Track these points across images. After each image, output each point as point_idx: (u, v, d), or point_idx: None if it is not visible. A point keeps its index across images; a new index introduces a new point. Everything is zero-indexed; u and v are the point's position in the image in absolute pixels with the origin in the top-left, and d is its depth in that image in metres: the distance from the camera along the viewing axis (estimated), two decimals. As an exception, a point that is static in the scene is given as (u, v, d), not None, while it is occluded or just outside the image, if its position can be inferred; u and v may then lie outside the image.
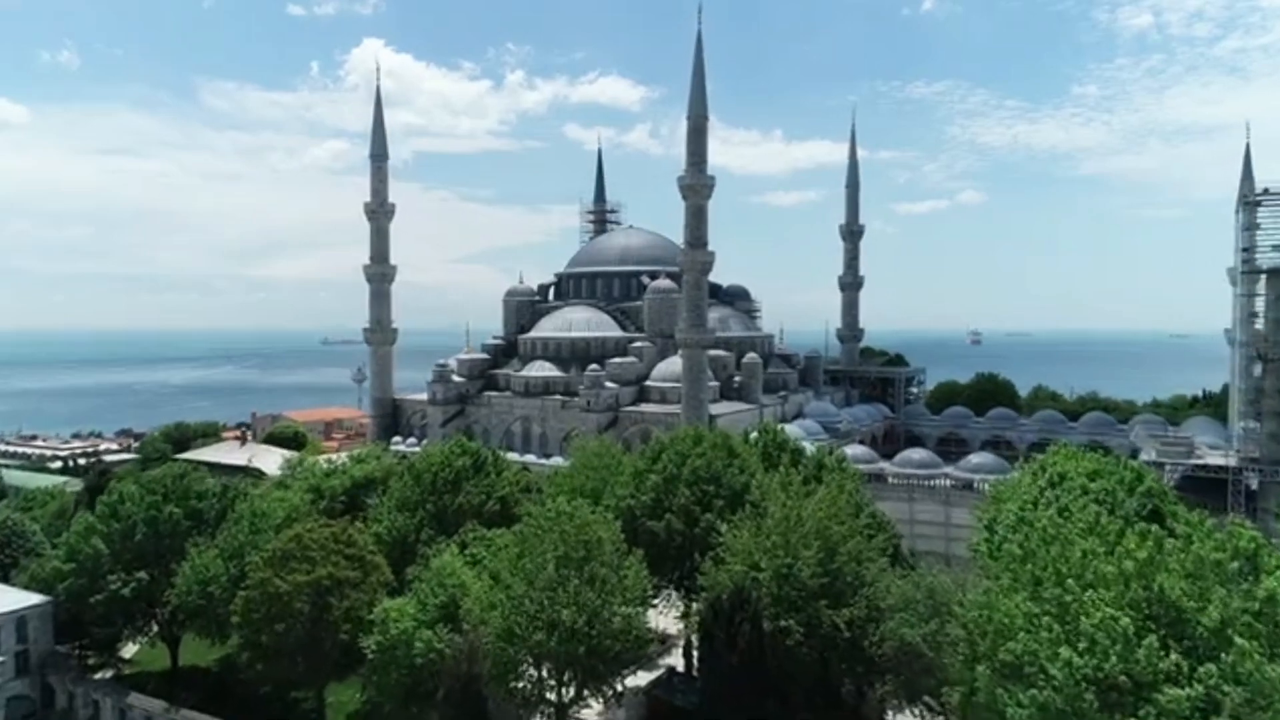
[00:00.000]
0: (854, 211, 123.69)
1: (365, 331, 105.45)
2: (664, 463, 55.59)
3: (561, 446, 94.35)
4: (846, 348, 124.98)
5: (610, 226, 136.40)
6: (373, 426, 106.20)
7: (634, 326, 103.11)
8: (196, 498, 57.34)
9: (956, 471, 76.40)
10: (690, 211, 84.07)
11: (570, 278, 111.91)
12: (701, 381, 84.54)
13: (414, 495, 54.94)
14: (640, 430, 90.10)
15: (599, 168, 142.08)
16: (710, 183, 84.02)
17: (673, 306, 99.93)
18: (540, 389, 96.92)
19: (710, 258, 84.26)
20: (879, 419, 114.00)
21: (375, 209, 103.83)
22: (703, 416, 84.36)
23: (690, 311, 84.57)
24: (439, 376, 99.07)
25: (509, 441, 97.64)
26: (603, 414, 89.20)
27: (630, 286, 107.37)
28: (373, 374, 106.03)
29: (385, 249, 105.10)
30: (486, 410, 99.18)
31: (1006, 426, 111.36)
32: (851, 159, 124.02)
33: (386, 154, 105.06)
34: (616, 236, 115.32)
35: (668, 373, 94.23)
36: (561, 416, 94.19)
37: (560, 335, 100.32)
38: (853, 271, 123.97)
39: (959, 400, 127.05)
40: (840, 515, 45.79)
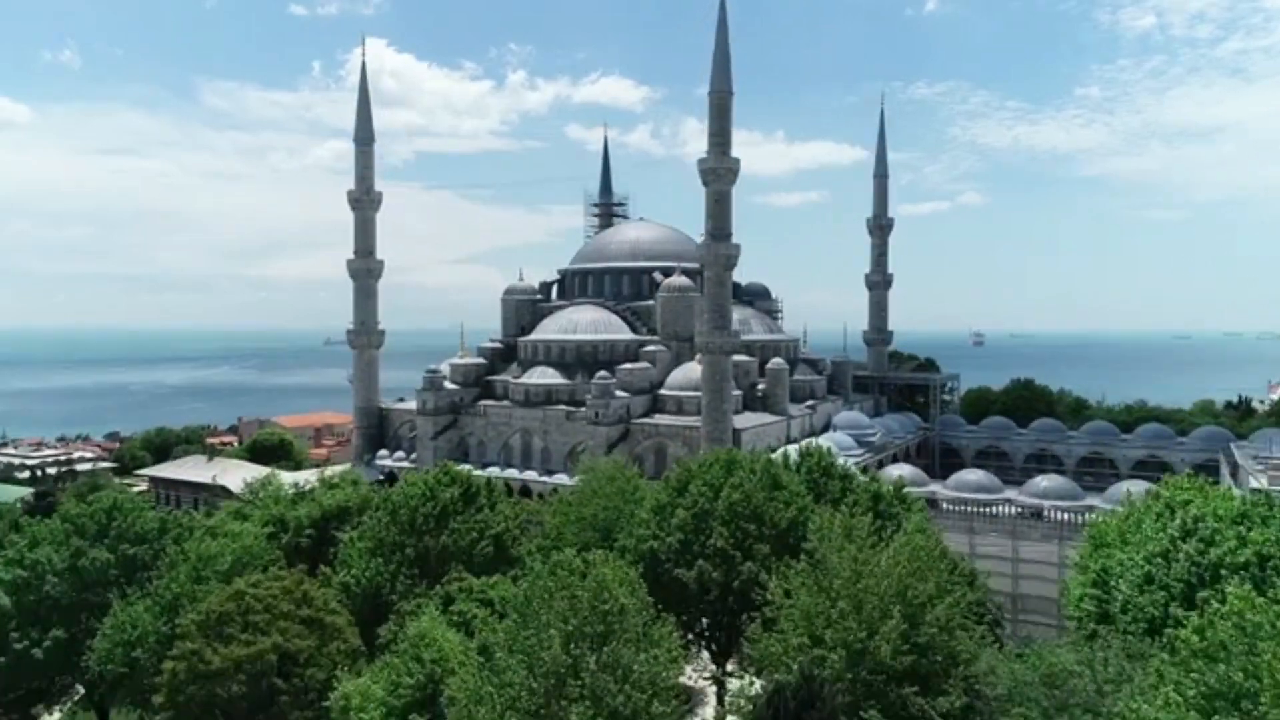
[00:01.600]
0: (883, 204, 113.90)
1: (349, 333, 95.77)
2: (693, 495, 45.96)
3: (566, 462, 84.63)
4: (874, 351, 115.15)
5: (617, 221, 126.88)
6: (357, 438, 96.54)
7: (646, 328, 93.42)
8: (132, 539, 47.68)
9: (1022, 497, 66.65)
10: (711, 199, 74.38)
11: (575, 274, 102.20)
12: (725, 391, 74.83)
13: (390, 535, 45.22)
14: (654, 444, 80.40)
15: (605, 158, 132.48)
16: (735, 166, 74.35)
17: (689, 306, 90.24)
18: (542, 398, 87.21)
19: (735, 251, 74.59)
20: (912, 430, 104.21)
21: (360, 197, 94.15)
22: (726, 430, 74.69)
23: (712, 312, 74.88)
24: (430, 384, 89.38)
25: (507, 456, 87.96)
26: (612, 426, 79.49)
27: (641, 284, 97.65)
28: (357, 380, 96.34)
29: (371, 242, 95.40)
30: (482, 421, 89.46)
31: (1054, 439, 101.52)
32: (880, 147, 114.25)
33: (372, 138, 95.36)
34: (626, 229, 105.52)
35: (684, 380, 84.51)
36: (566, 429, 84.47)
37: (564, 338, 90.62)
38: (881, 269, 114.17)
39: (993, 409, 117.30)
40: (923, 570, 36.32)
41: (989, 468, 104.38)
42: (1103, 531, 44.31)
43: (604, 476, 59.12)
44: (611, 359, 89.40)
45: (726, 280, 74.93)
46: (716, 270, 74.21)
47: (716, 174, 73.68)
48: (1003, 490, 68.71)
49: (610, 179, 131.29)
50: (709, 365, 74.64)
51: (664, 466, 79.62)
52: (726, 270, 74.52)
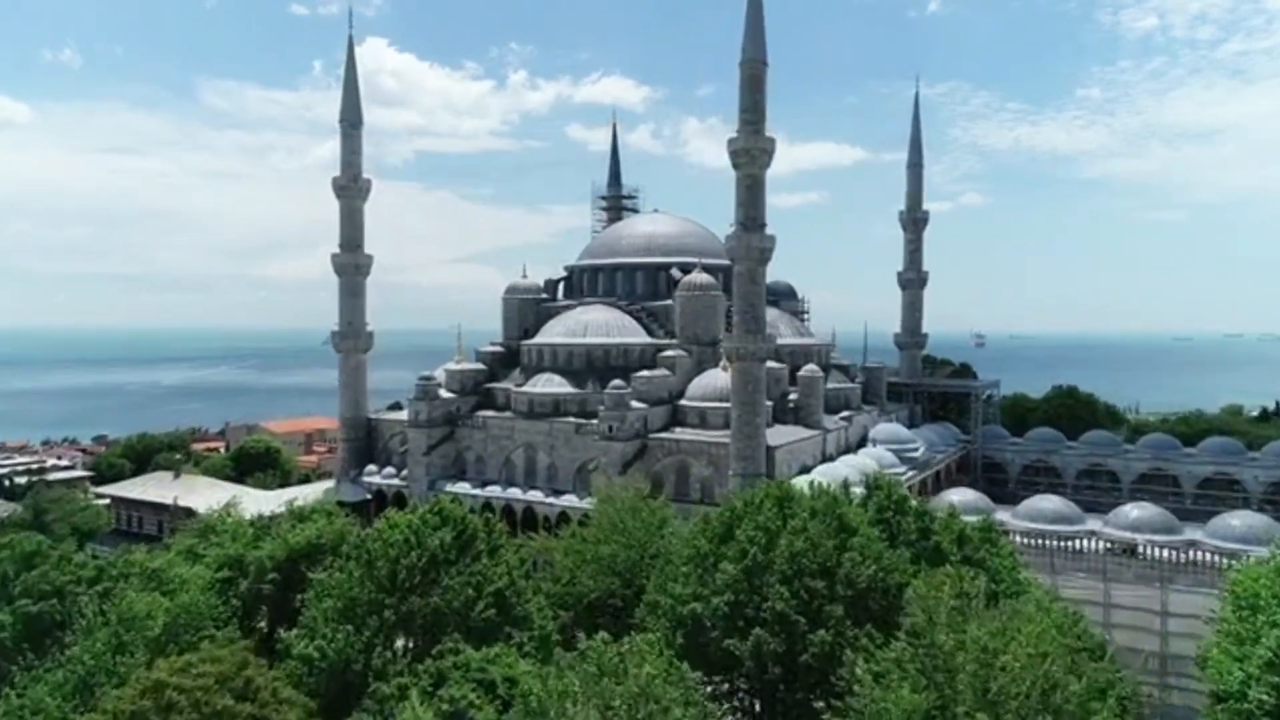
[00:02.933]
0: (917, 195, 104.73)
1: (333, 335, 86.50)
2: (741, 544, 36.87)
3: (576, 481, 75.48)
4: (907, 355, 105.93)
5: (627, 216, 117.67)
6: (342, 451, 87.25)
7: (663, 331, 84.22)
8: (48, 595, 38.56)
9: (1110, 529, 57.41)
10: (743, 184, 65.21)
11: (584, 272, 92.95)
12: (757, 403, 65.67)
13: (366, 594, 36.01)
14: (675, 463, 71.21)
15: (614, 147, 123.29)
16: (770, 147, 65.17)
17: (711, 306, 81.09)
18: (548, 408, 78.01)
19: (770, 243, 65.41)
20: (952, 443, 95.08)
21: (346, 185, 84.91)
22: (758, 447, 65.55)
23: (743, 313, 65.71)
24: (423, 393, 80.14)
25: (509, 474, 78.74)
26: (628, 442, 70.30)
27: (657, 281, 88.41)
28: (343, 387, 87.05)
29: (359, 235, 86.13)
30: (481, 434, 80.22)
31: (1108, 453, 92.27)
32: (915, 132, 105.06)
33: (360, 119, 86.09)
34: (639, 222, 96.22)
35: (708, 389, 75.30)
36: (575, 444, 75.27)
37: (572, 342, 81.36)
38: (916, 265, 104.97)
39: (1033, 419, 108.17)
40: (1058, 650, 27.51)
41: (1038, 485, 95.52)
42: (1250, 588, 35.31)
43: (624, 507, 50.18)
44: (625, 365, 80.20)
45: (760, 277, 65.77)
46: (749, 265, 65.02)
47: (749, 155, 64.52)
48: (1084, 520, 59.43)
49: (619, 169, 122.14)
50: (740, 374, 65.48)
51: (686, 487, 70.58)
52: (760, 265, 65.34)
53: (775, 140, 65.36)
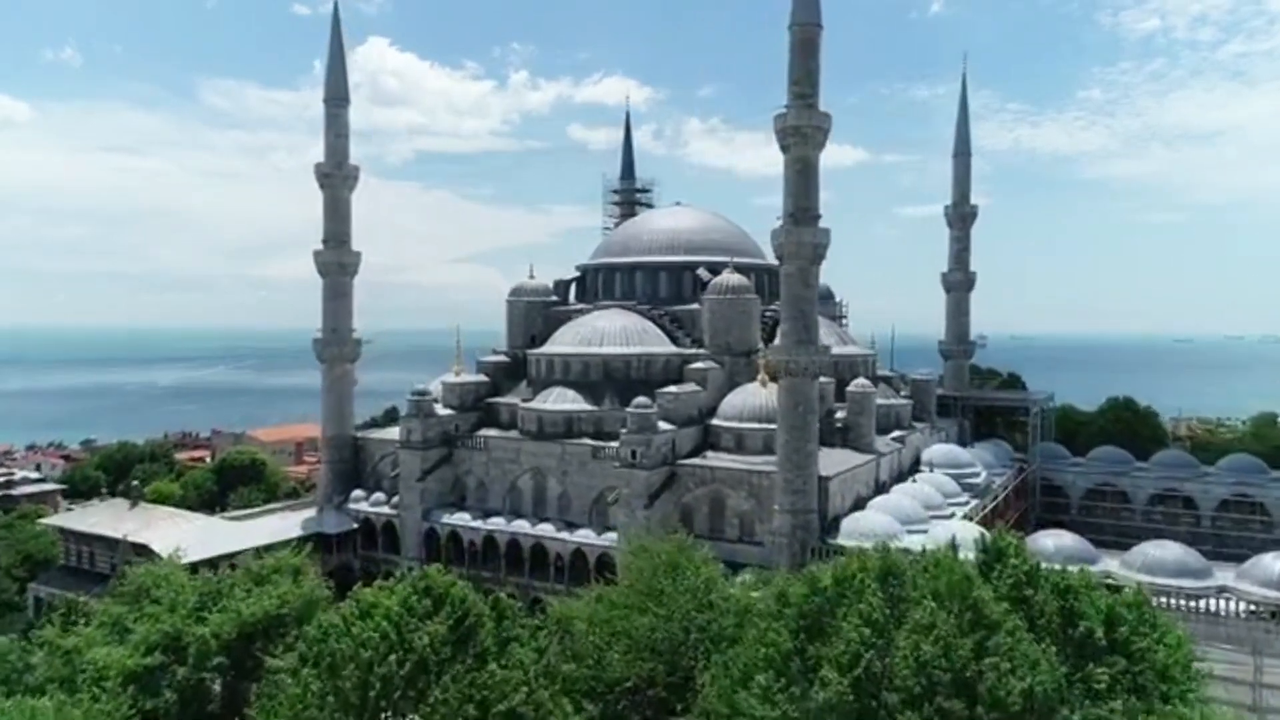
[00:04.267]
0: (964, 188, 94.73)
1: (315, 342, 76.42)
2: (847, 644, 27.01)
3: (592, 513, 65.57)
4: (954, 365, 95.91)
5: (641, 211, 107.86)
6: (324, 475, 77.08)
7: (689, 339, 74.19)
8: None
9: (1249, 586, 47.35)
10: (793, 168, 55.27)
11: (598, 272, 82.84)
12: (808, 427, 55.74)
13: (327, 716, 26.12)
14: (709, 494, 61.23)
15: (627, 136, 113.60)
16: (825, 125, 55.23)
17: (745, 312, 71.13)
18: (560, 428, 68.06)
19: (824, 239, 55.45)
20: (1007, 464, 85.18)
21: (330, 172, 74.84)
22: (809, 477, 55.62)
23: (793, 320, 55.72)
24: (416, 409, 70.14)
25: (514, 502, 68.81)
26: (654, 471, 60.30)
27: (681, 283, 78.40)
28: (326, 402, 76.97)
29: (344, 229, 76.04)
30: (483, 457, 70.23)
31: (1185, 476, 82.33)
32: (962, 119, 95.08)
33: (347, 97, 76.04)
34: (659, 217, 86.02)
35: (744, 407, 65.35)
36: (591, 470, 65.36)
37: (587, 351, 71.30)
38: (963, 265, 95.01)
39: (1085, 434, 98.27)
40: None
41: (1103, 512, 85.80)
42: None
43: (662, 563, 40.23)
44: (647, 378, 70.28)
45: (813, 278, 55.77)
46: (800, 264, 55.03)
47: (801, 135, 54.56)
48: (1212, 574, 49.32)
49: (633, 160, 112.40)
50: (789, 392, 55.50)
51: (721, 522, 60.67)
52: (813, 264, 55.36)
53: (830, 117, 55.42)
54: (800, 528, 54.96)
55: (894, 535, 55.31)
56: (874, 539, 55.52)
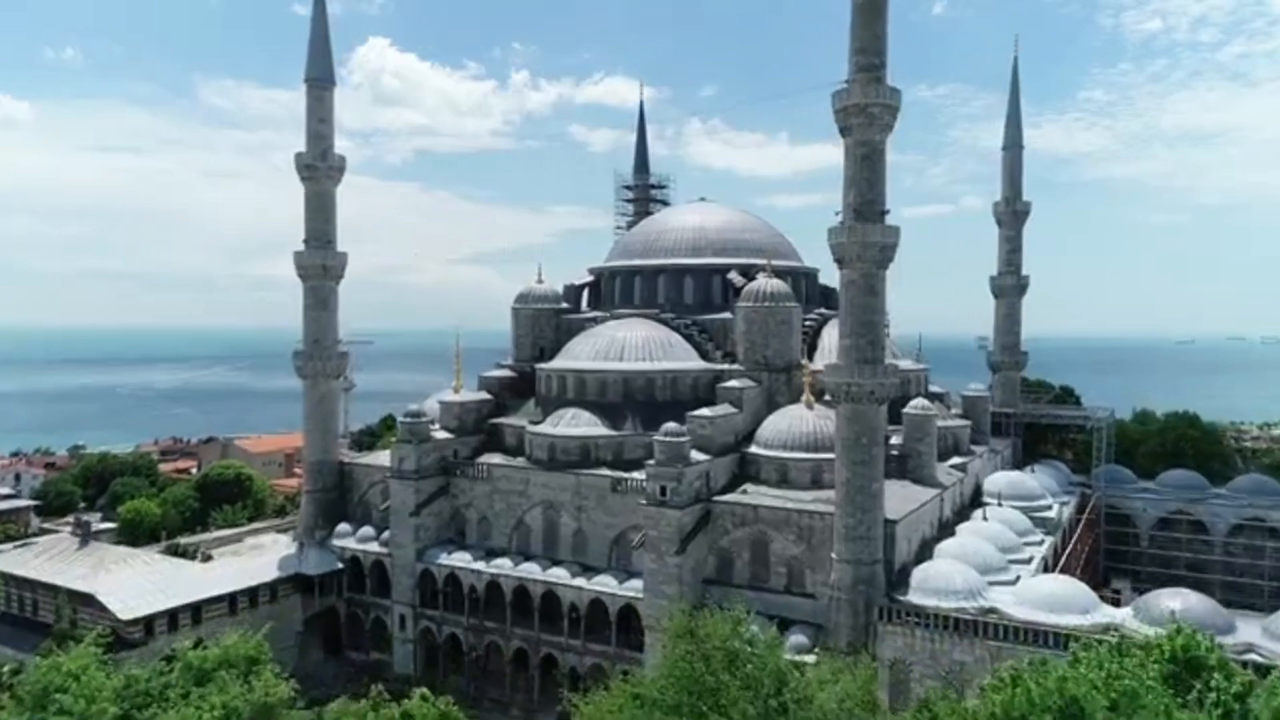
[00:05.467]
0: (1016, 183, 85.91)
1: (295, 355, 67.59)
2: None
3: (613, 555, 56.77)
4: (1004, 378, 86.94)
5: (657, 208, 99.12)
6: (306, 508, 67.96)
7: (720, 352, 65.26)
8: None
9: None
10: (856, 155, 46.40)
11: (615, 275, 73.85)
12: (874, 461, 46.90)
13: None
14: (750, 536, 52.29)
15: (640, 127, 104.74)
16: (896, 101, 46.35)
17: (785, 322, 62.21)
18: (574, 456, 59.22)
19: (894, 238, 46.58)
20: (1070, 489, 76.39)
21: (313, 163, 65.89)
22: (874, 521, 46.75)
23: (856, 334, 46.82)
24: (410, 434, 61.29)
25: (522, 541, 60.00)
26: (687, 510, 51.43)
27: (710, 289, 69.46)
28: (308, 424, 68.07)
29: (329, 227, 67.10)
30: (486, 489, 61.40)
31: (1271, 503, 73.43)
32: (1013, 107, 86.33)
33: (332, 77, 67.14)
34: (683, 214, 76.89)
35: (789, 434, 56.45)
36: (611, 506, 56.58)
37: (605, 367, 62.34)
38: (1014, 267, 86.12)
39: (1143, 453, 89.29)
40: None
41: (1178, 544, 77.03)
42: None
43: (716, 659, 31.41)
44: (674, 398, 61.46)
45: (881, 285, 46.84)
46: (865, 269, 46.15)
47: (867, 115, 45.69)
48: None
49: (646, 153, 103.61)
50: (850, 420, 46.62)
51: (765, 570, 51.86)
52: (880, 269, 46.48)
53: (901, 93, 46.57)
54: (863, 582, 46.15)
55: (976, 591, 46.60)
56: (954, 596, 46.95)
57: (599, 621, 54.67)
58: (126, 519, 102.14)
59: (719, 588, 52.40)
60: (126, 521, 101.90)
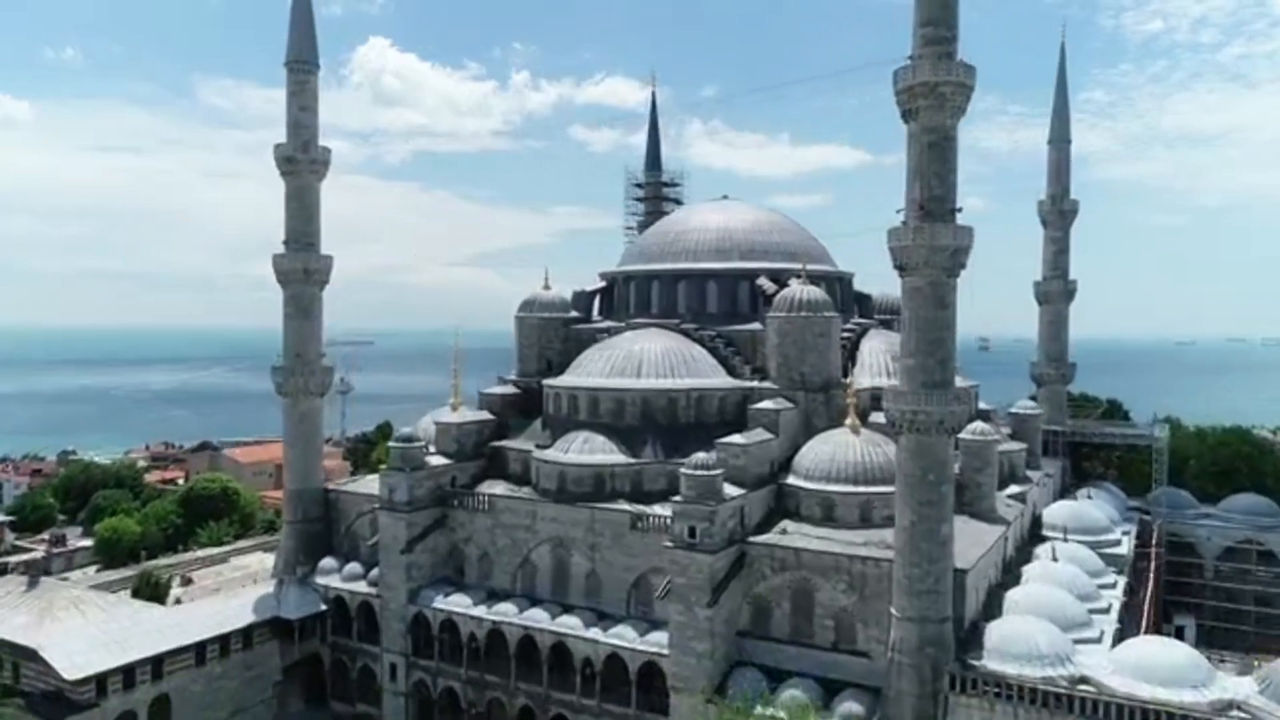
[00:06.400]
0: (1064, 180, 79.02)
1: (275, 370, 60.62)
2: None
3: (631, 601, 49.84)
4: (1049, 392, 79.99)
5: (671, 207, 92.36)
6: (286, 541, 60.74)
7: (749, 367, 58.21)
8: None
9: None
10: (921, 143, 39.51)
11: (629, 281, 66.83)
12: (943, 501, 39.98)
13: None
14: (792, 584, 45.30)
15: (653, 120, 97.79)
16: (969, 79, 39.42)
17: (824, 334, 55.21)
18: (588, 486, 52.27)
19: (967, 240, 39.68)
20: (1128, 515, 69.55)
21: (294, 155, 58.85)
22: (944, 571, 39.82)
23: (922, 354, 39.89)
24: (402, 460, 54.29)
25: (527, 583, 53.08)
26: (719, 554, 44.52)
27: (737, 296, 62.47)
28: (288, 448, 61.12)
29: (312, 227, 60.07)
30: (487, 522, 54.43)
31: (1354, 533, 66.63)
32: (1060, 98, 79.28)
33: (316, 61, 60.09)
34: (705, 213, 69.64)
35: (831, 463, 49.47)
36: (630, 545, 49.64)
37: (622, 386, 55.31)
38: (1062, 272, 79.19)
39: (1191, 472, 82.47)
40: None
41: (1246, 577, 70.16)
42: None
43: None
44: (698, 419, 54.58)
45: (950, 297, 39.93)
46: (932, 276, 39.26)
47: (936, 96, 38.80)
48: None
49: (659, 148, 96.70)
50: (916, 455, 39.68)
51: (809, 624, 44.91)
52: (949, 276, 39.60)
53: (976, 71, 39.65)
54: (931, 644, 39.25)
55: (1064, 656, 39.65)
56: (1038, 662, 39.75)
57: (617, 679, 47.77)
58: (103, 537, 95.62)
59: (755, 642, 45.63)
60: (103, 540, 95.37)
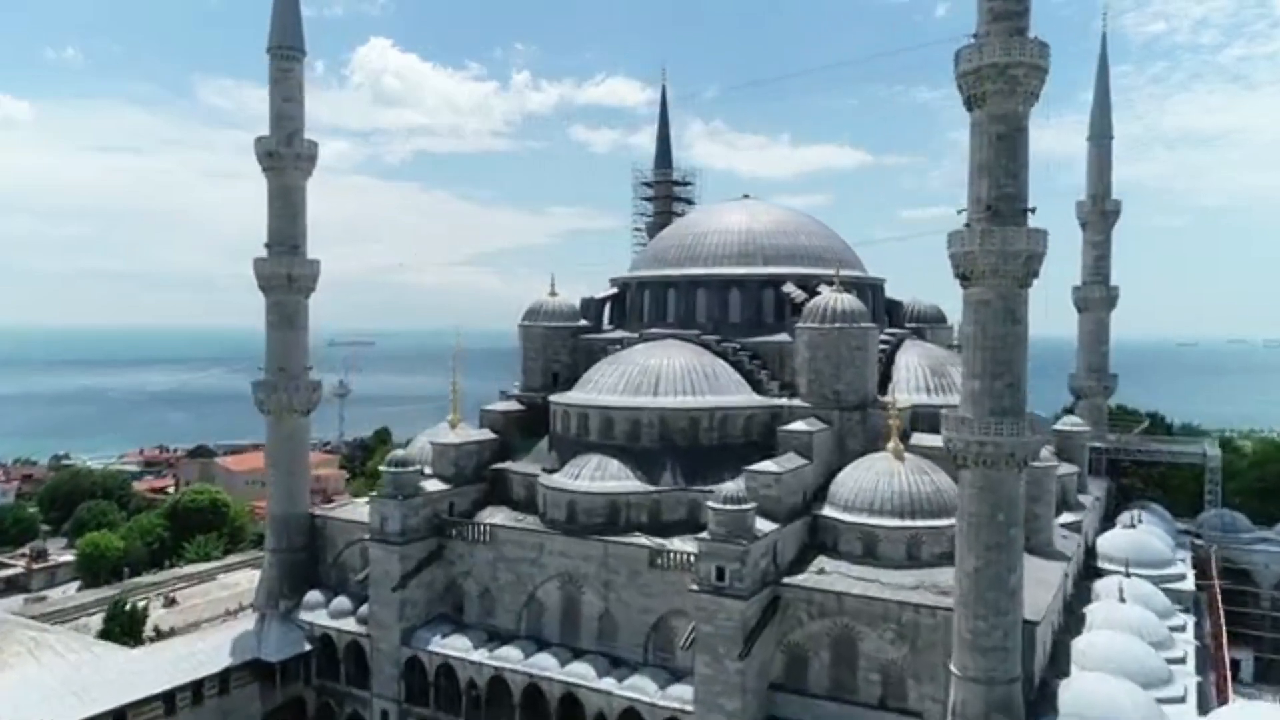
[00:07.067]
0: (1106, 179, 73.90)
1: (255, 386, 55.23)
2: None
3: (649, 646, 44.64)
4: (1089, 405, 74.82)
5: (682, 207, 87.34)
6: (268, 571, 55.30)
7: (777, 383, 52.98)
8: None
9: None
10: (991, 133, 34.35)
11: (643, 287, 61.61)
12: (1013, 547, 34.77)
13: None
14: (833, 632, 40.17)
15: (663, 114, 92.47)
16: (1044, 61, 34.22)
17: (860, 347, 49.97)
18: (600, 517, 47.08)
19: (1041, 245, 34.49)
20: (1180, 540, 64.42)
21: (277, 150, 53.58)
22: (1013, 625, 34.65)
23: (989, 377, 34.67)
24: (395, 485, 49.09)
25: (534, 624, 47.86)
26: (752, 599, 39.35)
27: (761, 305, 57.19)
28: (272, 471, 55.85)
29: (297, 228, 54.80)
30: (489, 554, 49.21)
31: None
32: (1101, 90, 74.18)
33: (301, 46, 54.83)
34: (726, 213, 64.14)
35: (874, 492, 44.29)
36: (648, 584, 44.44)
37: (638, 404, 50.11)
38: (1102, 277, 74.06)
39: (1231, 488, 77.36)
40: None
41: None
42: None
43: None
44: (722, 441, 49.43)
45: (1022, 308, 34.76)
46: (1002, 286, 34.10)
47: (1007, 79, 33.63)
48: None
49: (669, 144, 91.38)
50: (983, 492, 34.49)
51: (852, 678, 39.66)
52: (1020, 286, 34.43)
53: (1050, 49, 34.47)
54: (999, 709, 34.07)
55: (1152, 723, 34.48)
56: (1124, 731, 34.89)
57: (634, 735, 42.66)
58: (84, 553, 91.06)
59: (790, 696, 40.53)
60: (84, 556, 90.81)
